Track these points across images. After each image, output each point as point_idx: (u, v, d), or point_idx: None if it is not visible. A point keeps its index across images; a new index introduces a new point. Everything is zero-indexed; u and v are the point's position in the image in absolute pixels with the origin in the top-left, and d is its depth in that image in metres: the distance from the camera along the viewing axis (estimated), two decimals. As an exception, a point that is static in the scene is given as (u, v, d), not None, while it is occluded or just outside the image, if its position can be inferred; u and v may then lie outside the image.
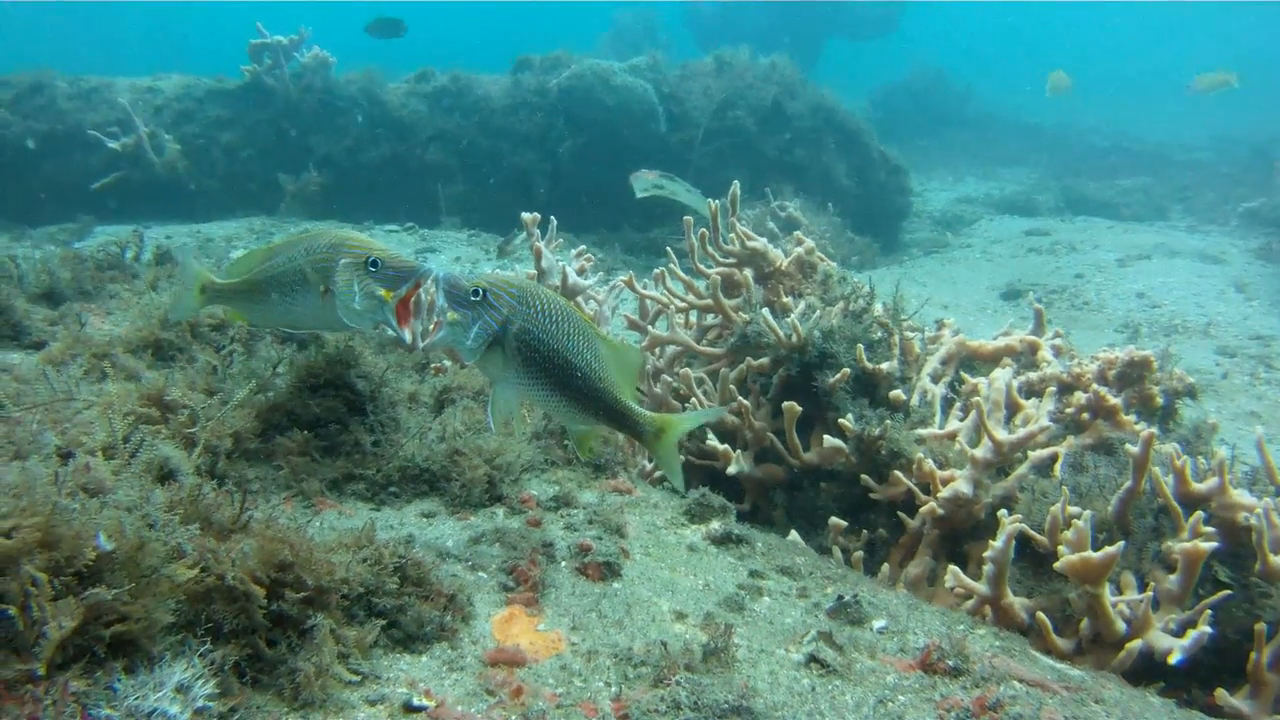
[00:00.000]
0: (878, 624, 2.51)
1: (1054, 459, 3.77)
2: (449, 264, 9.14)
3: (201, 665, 1.68)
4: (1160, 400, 4.24)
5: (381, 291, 2.56)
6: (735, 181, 4.77)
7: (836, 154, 12.57)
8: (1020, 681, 2.28)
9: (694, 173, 11.42)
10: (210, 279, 2.84)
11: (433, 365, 4.04)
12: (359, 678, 1.82)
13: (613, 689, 1.95)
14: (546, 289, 2.43)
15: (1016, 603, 3.20)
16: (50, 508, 1.61)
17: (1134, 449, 3.28)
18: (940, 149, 20.83)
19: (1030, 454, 3.78)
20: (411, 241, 10.59)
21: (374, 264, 2.56)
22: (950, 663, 2.25)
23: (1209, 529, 3.13)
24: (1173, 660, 2.82)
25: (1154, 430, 3.37)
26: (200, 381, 2.87)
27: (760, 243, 4.64)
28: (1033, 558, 3.36)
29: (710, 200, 4.73)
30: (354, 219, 11.21)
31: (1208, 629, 2.84)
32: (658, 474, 4.17)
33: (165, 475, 2.30)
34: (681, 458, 4.20)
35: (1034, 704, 2.14)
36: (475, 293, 2.31)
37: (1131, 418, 3.97)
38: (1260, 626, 2.89)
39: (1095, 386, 4.03)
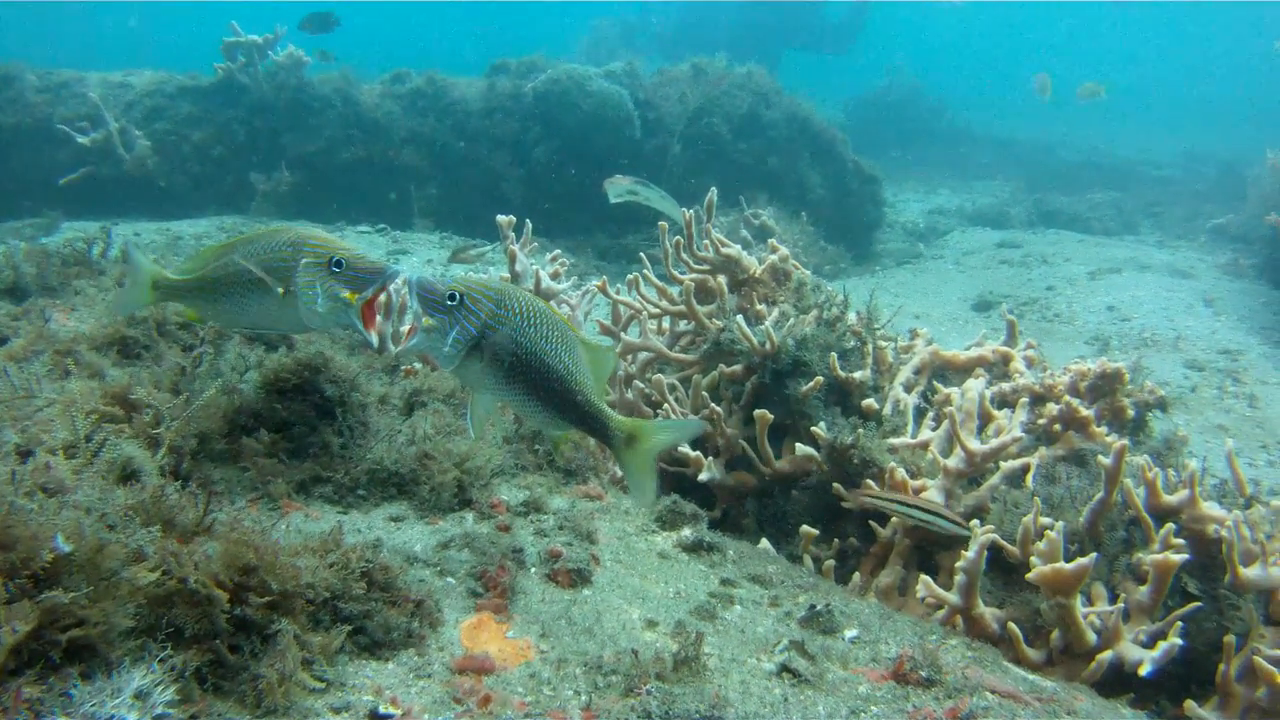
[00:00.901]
0: (850, 633, 2.50)
1: (1026, 470, 3.77)
2: (421, 266, 9.08)
3: (161, 671, 1.63)
4: (1131, 412, 4.26)
5: (345, 293, 2.49)
6: (712, 189, 4.76)
7: (811, 163, 12.59)
8: (993, 693, 2.27)
9: (668, 179, 11.41)
10: (163, 274, 2.75)
11: (404, 368, 4.00)
12: (323, 685, 1.78)
13: (582, 698, 1.93)
14: (524, 291, 2.37)
15: (988, 613, 3.20)
16: (6, 508, 1.57)
17: (1106, 460, 3.29)
18: (914, 161, 20.95)
19: (1002, 464, 3.78)
20: (383, 243, 10.52)
21: (337, 264, 2.47)
22: (923, 673, 2.23)
23: (1179, 541, 3.14)
24: (1143, 672, 2.83)
25: (1126, 442, 3.38)
26: (166, 381, 2.82)
27: (735, 249, 4.62)
28: (1004, 568, 3.36)
29: (685, 209, 4.72)
30: (326, 219, 11.12)
31: (1178, 640, 2.85)
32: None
33: (128, 475, 2.25)
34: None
35: (1007, 715, 2.13)
36: (451, 297, 2.20)
37: (1103, 429, 3.99)
38: (1229, 639, 2.90)
39: (1067, 398, 4.04)
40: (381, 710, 1.74)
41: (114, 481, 2.18)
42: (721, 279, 4.58)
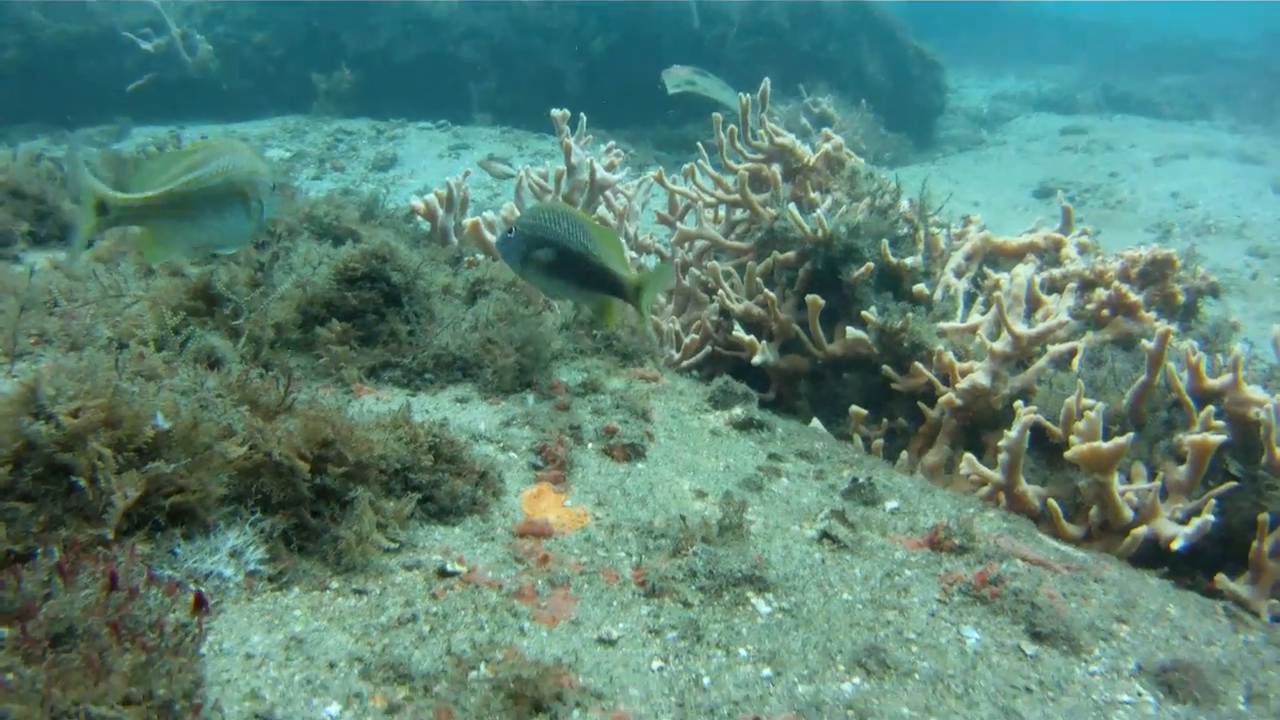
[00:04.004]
0: (890, 505, 2.63)
1: (1073, 354, 3.83)
2: (482, 159, 9.12)
3: (252, 533, 1.82)
4: (1182, 298, 4.28)
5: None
6: (766, 78, 4.78)
7: (870, 50, 12.37)
8: (1023, 560, 2.40)
9: (727, 69, 11.29)
10: (109, 195, 2.42)
11: (466, 259, 4.15)
12: (396, 545, 1.96)
13: (633, 559, 2.09)
14: (551, 203, 2.80)
15: (1030, 490, 3.30)
16: (111, 390, 1.74)
17: (1149, 344, 3.35)
18: (978, 45, 20.39)
19: (1050, 348, 3.85)
20: (445, 139, 10.62)
21: (274, 189, 2.60)
22: (957, 541, 2.37)
23: (1219, 423, 3.20)
24: (1175, 546, 2.93)
25: (1171, 326, 3.43)
26: (244, 276, 2.99)
27: (788, 139, 4.67)
28: (1047, 448, 3.45)
29: (741, 95, 4.75)
30: (386, 116, 11.23)
31: (1211, 517, 2.94)
32: (684, 363, 4.29)
33: (213, 364, 2.44)
34: (708, 350, 4.32)
35: (1034, 580, 2.26)
36: (510, 231, 2.81)
37: (1152, 314, 4.02)
38: (1264, 516, 2.98)
39: (1116, 283, 4.07)
40: (449, 568, 1.92)
41: (202, 369, 2.36)
42: (776, 168, 4.63)
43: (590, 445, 2.62)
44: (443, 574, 1.91)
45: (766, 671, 1.80)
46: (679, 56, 9.81)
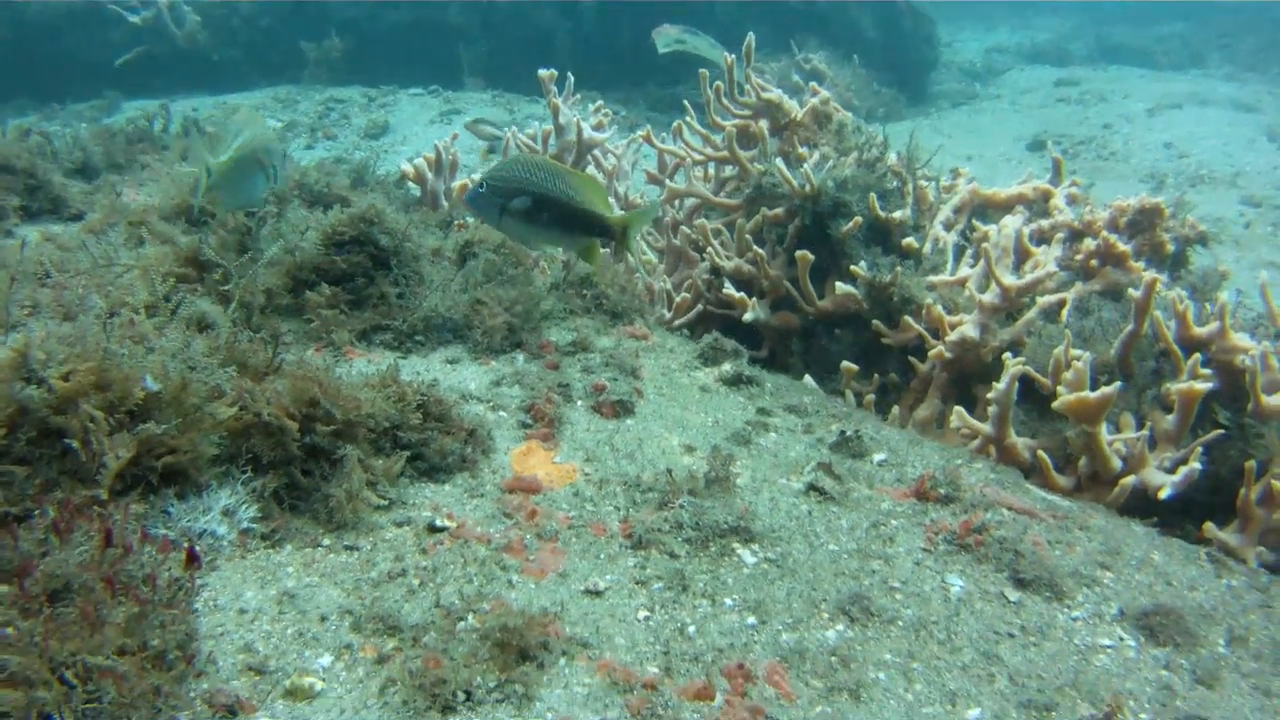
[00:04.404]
0: (878, 457, 2.66)
1: (1062, 304, 3.85)
2: (469, 122, 9.07)
3: (245, 492, 1.85)
4: (1171, 247, 4.30)
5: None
6: (750, 34, 4.76)
7: (862, 5, 12.30)
8: (1009, 509, 2.43)
9: (718, 27, 11.20)
10: (210, 163, 2.91)
11: (456, 222, 4.16)
12: (386, 503, 1.99)
13: (621, 512, 2.12)
14: (526, 156, 2.83)
15: (1020, 442, 3.33)
16: (101, 353, 1.77)
17: (1136, 293, 3.37)
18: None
19: (1039, 299, 3.87)
20: (436, 104, 10.58)
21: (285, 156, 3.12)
22: (942, 491, 2.40)
23: (1206, 371, 3.22)
24: (1163, 495, 2.96)
25: (1156, 275, 3.45)
26: (233, 241, 3.00)
27: (775, 94, 4.66)
28: (1038, 400, 3.48)
29: (726, 54, 4.75)
30: (377, 82, 11.18)
31: (1197, 465, 2.97)
32: (676, 322, 4.31)
33: (204, 328, 2.46)
34: (700, 309, 4.33)
35: (1019, 528, 2.29)
36: (480, 186, 2.86)
37: (1140, 264, 4.03)
38: (1250, 464, 3.01)
39: (1105, 233, 4.08)
40: (438, 523, 1.95)
41: (192, 332, 2.39)
42: (763, 123, 4.63)
43: (580, 403, 2.65)
44: (432, 529, 1.94)
45: (751, 620, 1.84)
46: (669, 15, 9.74)
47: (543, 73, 4.53)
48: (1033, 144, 9.73)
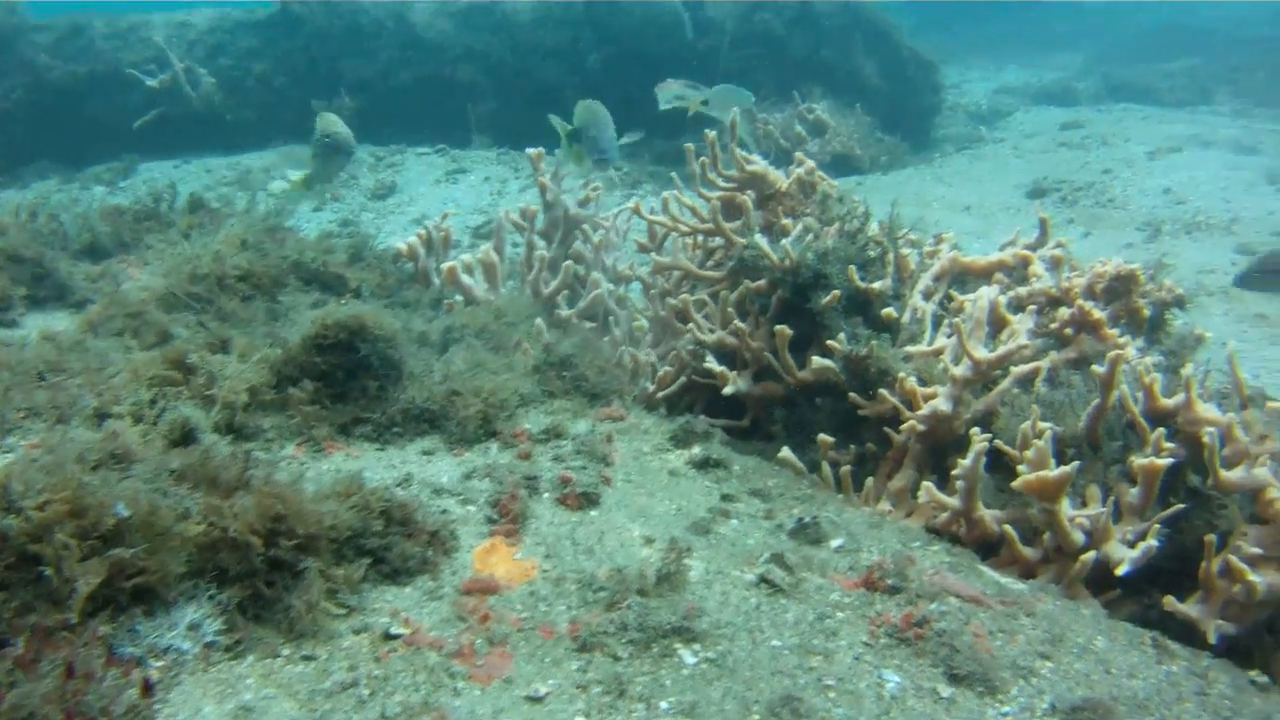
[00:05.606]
0: (835, 542, 2.75)
1: (1037, 374, 3.93)
2: (479, 185, 9.31)
3: (210, 606, 1.98)
4: (1148, 312, 4.37)
5: None
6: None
7: (865, 53, 12.47)
8: (957, 597, 2.51)
9: (722, 79, 11.35)
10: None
11: (445, 302, 4.30)
12: (346, 610, 2.11)
13: (572, 613, 2.23)
14: None
15: (988, 515, 3.41)
16: (75, 484, 1.90)
17: (1100, 369, 3.45)
18: (982, 35, 20.40)
19: (1013, 369, 3.95)
20: (443, 163, 10.79)
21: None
22: (890, 581, 2.49)
23: (1170, 444, 3.30)
24: (1119, 572, 3.03)
25: (1127, 345, 3.53)
26: (220, 336, 3.15)
27: (760, 165, 4.78)
28: (1010, 471, 3.55)
29: (733, 110, 4.88)
30: (386, 141, 11.42)
31: (1154, 542, 3.04)
32: (659, 395, 4.42)
33: (187, 434, 2.59)
34: (684, 380, 4.45)
35: (962, 619, 2.37)
36: None
37: (1115, 331, 4.11)
38: (1210, 537, 3.08)
39: (1080, 301, 4.17)
40: (393, 630, 2.07)
41: (175, 440, 2.52)
42: (750, 194, 4.75)
43: (546, 495, 2.76)
44: (388, 637, 2.06)
45: (685, 722, 1.94)
46: (674, 69, 9.89)
47: (531, 151, 4.69)
48: (1033, 191, 9.82)
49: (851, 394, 4.03)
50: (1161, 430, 3.32)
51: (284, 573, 2.07)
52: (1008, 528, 3.31)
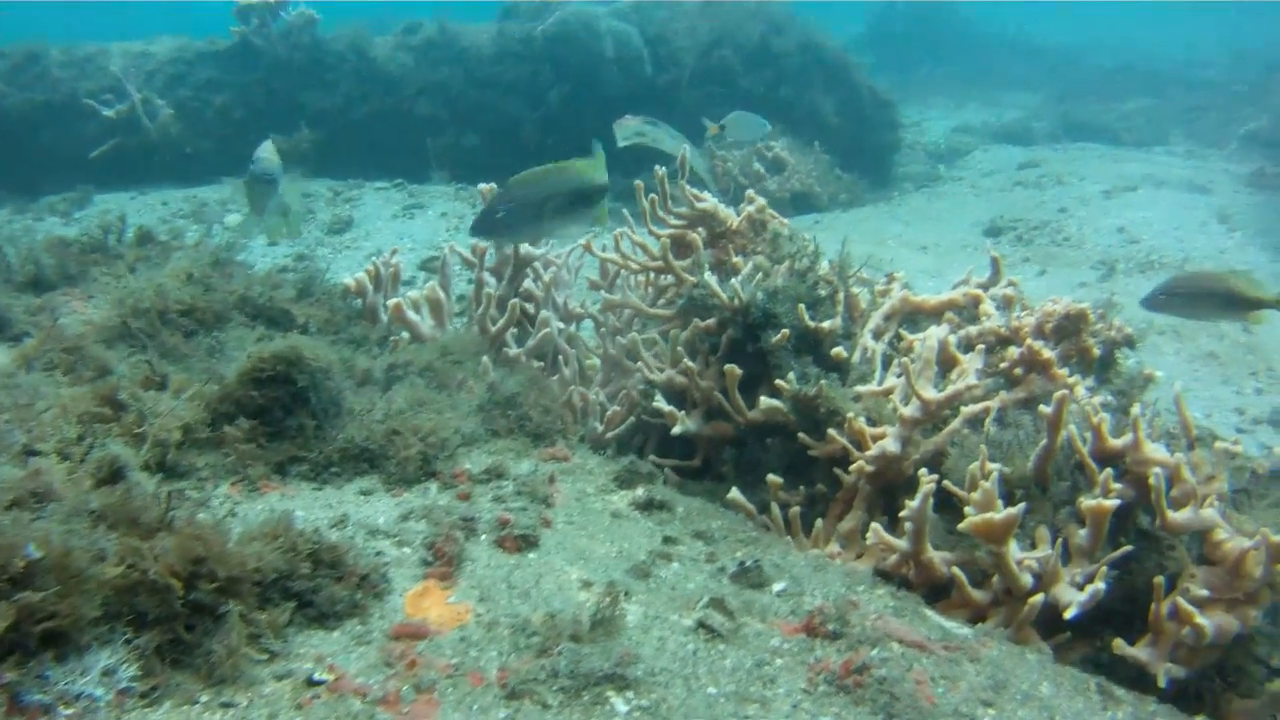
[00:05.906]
0: (778, 586, 2.72)
1: (986, 414, 3.94)
2: (435, 219, 9.28)
3: (126, 651, 1.90)
4: (1097, 351, 4.39)
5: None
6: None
7: (824, 91, 12.60)
8: (900, 643, 2.48)
9: (681, 115, 11.43)
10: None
11: (392, 339, 4.25)
12: (268, 656, 2.04)
13: (503, 658, 2.17)
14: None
15: (937, 557, 3.39)
16: (-18, 523, 1.83)
17: (1047, 409, 3.45)
18: (943, 75, 20.70)
19: (962, 409, 3.95)
20: (400, 198, 10.74)
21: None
22: (831, 626, 2.45)
23: (1117, 485, 3.30)
24: (1067, 615, 3.03)
25: (1073, 387, 3.54)
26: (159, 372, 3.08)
27: (710, 203, 4.78)
28: (960, 512, 3.54)
29: (686, 146, 4.89)
30: (345, 175, 11.36)
31: (1101, 585, 3.04)
32: (608, 435, 4.38)
33: (115, 472, 2.52)
34: (632, 420, 4.42)
35: (904, 665, 2.34)
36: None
37: (1065, 371, 4.13)
38: (1159, 580, 3.07)
39: (1030, 340, 4.19)
40: (317, 676, 2.00)
41: (102, 478, 2.45)
42: (700, 232, 4.75)
43: (484, 537, 2.70)
44: (310, 683, 1.99)
45: (615, 773, 1.89)
46: (633, 104, 9.96)
47: (483, 187, 4.66)
48: (990, 229, 9.93)
49: (801, 434, 4.02)
50: (1110, 471, 3.32)
51: (205, 616, 2.00)
52: (956, 570, 3.29)
